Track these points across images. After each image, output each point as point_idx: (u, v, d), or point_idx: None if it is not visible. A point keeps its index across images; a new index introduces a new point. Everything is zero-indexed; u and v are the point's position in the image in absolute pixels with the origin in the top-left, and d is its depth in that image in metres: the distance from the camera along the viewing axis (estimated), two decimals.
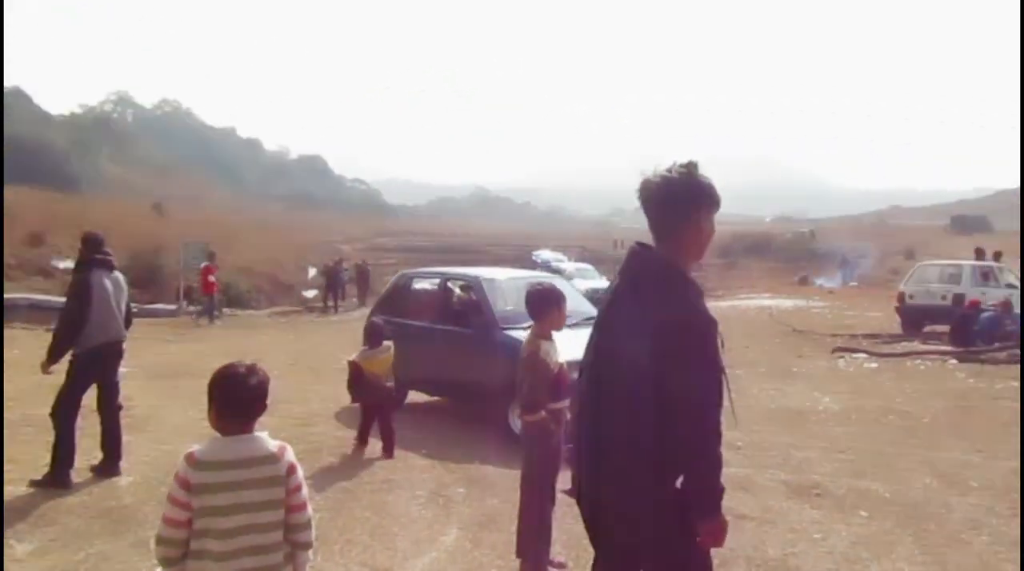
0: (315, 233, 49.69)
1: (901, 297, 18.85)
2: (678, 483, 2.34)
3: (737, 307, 26.55)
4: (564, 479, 3.54)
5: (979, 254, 19.90)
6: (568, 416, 4.26)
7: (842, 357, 14.23)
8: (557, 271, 25.12)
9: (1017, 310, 16.22)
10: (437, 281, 9.40)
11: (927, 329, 17.98)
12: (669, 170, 2.43)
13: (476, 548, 4.94)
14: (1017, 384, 11.46)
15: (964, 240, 45.44)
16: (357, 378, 7.10)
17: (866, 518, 5.58)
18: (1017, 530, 5.33)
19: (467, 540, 5.06)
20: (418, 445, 7.45)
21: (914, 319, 18.27)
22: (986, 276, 18.47)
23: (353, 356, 7.30)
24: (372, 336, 7.33)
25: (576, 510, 2.68)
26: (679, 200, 2.42)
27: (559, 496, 4.38)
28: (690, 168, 2.43)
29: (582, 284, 22.98)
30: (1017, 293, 18.08)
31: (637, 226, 2.74)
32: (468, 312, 8.41)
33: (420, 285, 9.77)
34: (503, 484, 5.99)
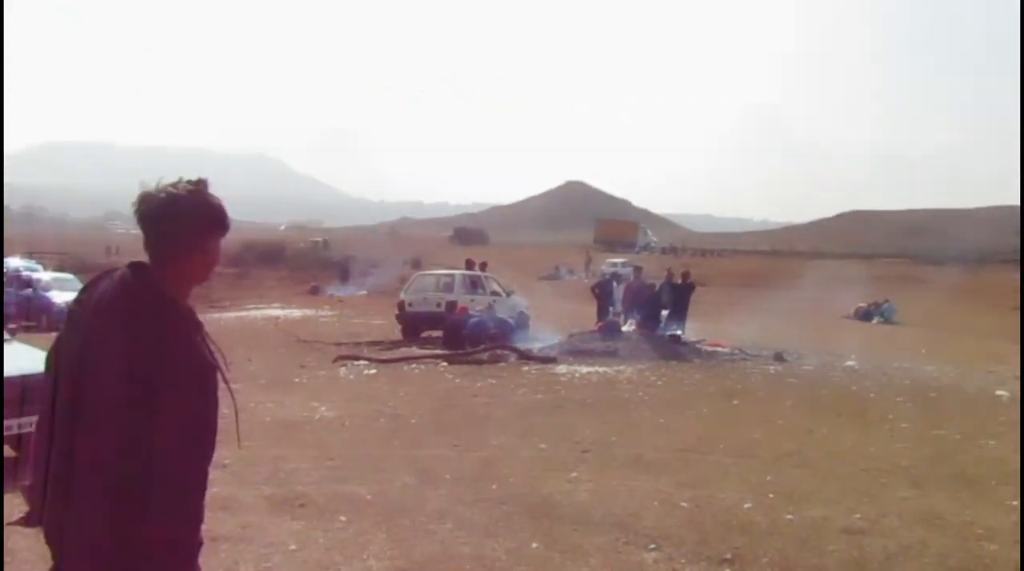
0: None
1: (401, 305, 20.43)
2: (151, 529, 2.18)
3: (244, 318, 26.34)
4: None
5: (470, 265, 22.32)
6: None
7: (344, 365, 14.92)
8: (28, 283, 22.68)
9: (500, 314, 18.62)
10: None
11: (425, 334, 19.71)
12: (175, 186, 2.29)
13: None
14: (495, 381, 13.16)
15: (464, 251, 50.74)
16: None
17: (345, 522, 5.88)
18: (480, 516, 6.08)
19: None
20: None
21: (413, 325, 19.93)
22: (475, 284, 20.87)
23: None
24: None
25: None
26: (186, 221, 2.28)
27: None
28: (200, 186, 2.31)
29: (60, 296, 21.06)
30: (502, 299, 20.74)
31: (137, 231, 2.40)
32: None
33: None
34: None
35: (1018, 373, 16.36)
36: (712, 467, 7.77)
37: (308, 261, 52.80)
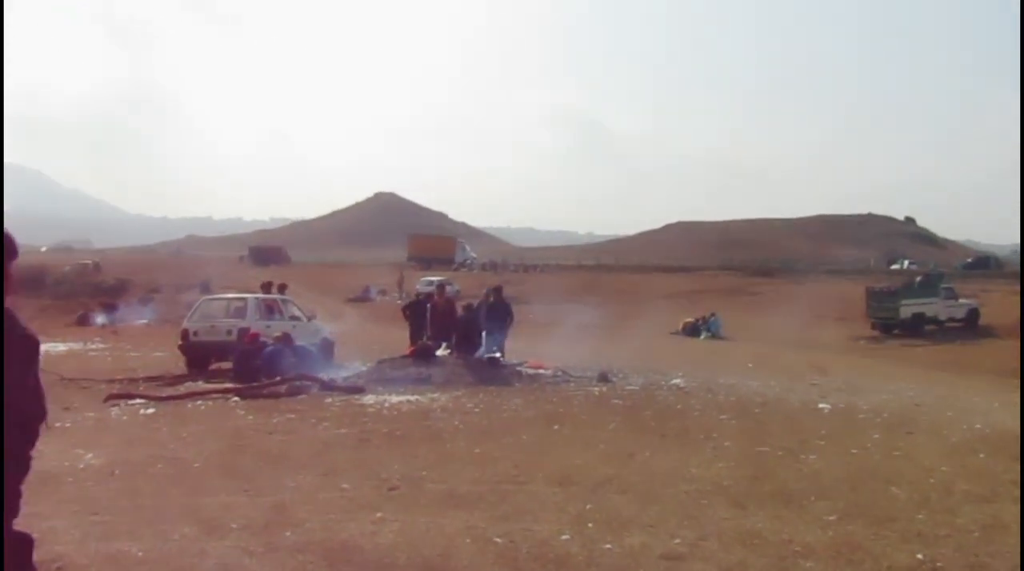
0: None
1: (185, 334, 19.67)
2: None
3: None
4: None
5: (266, 287, 21.85)
6: None
7: (116, 405, 14.21)
8: None
9: (300, 342, 18.29)
10: None
11: (213, 367, 19.08)
12: None
13: None
14: (293, 416, 12.89)
15: (260, 272, 49.61)
16: None
17: None
18: (271, 567, 5.92)
19: None
20: None
21: (199, 357, 19.26)
22: (271, 309, 20.41)
23: None
24: None
25: None
26: None
27: None
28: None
29: None
30: (302, 324, 20.38)
31: None
32: None
33: None
34: None
35: (840, 384, 17.71)
36: (529, 498, 7.92)
37: (76, 287, 50.23)
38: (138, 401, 14.54)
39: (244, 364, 16.89)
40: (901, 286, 41.96)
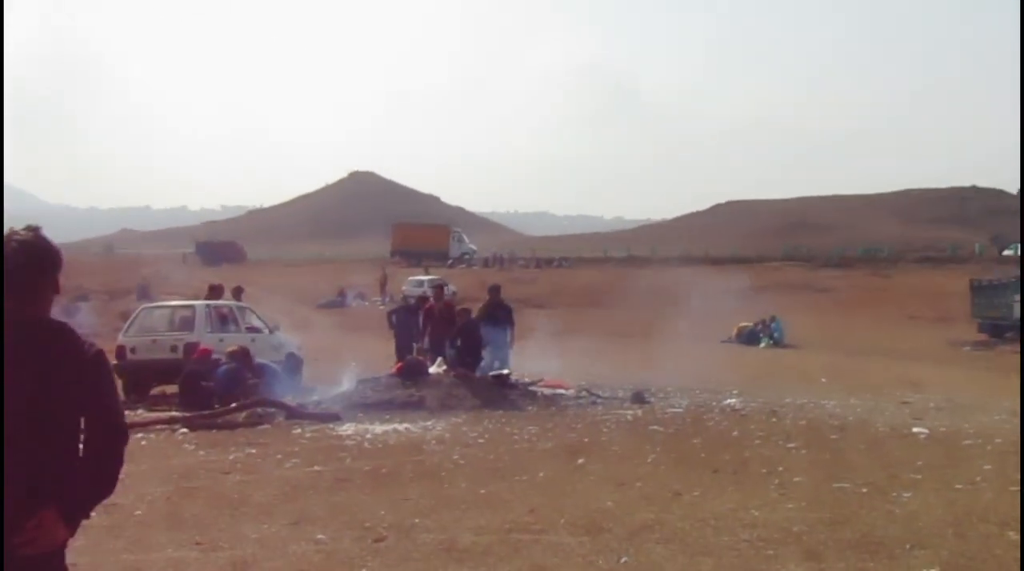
0: None
1: (121, 351, 19.65)
2: None
3: None
4: None
5: (215, 292, 21.77)
6: None
7: None
8: None
9: (261, 359, 18.32)
10: None
11: (156, 391, 19.12)
12: (17, 233, 3.67)
13: None
14: (254, 451, 12.91)
15: (210, 272, 49.79)
16: None
17: None
18: None
19: None
20: None
21: (139, 379, 19.23)
22: (225, 319, 20.41)
23: None
24: None
25: None
26: (46, 263, 3.71)
27: None
28: (38, 230, 3.71)
29: None
30: (263, 337, 20.42)
31: None
32: None
33: None
34: None
35: (939, 402, 17.60)
36: (549, 550, 7.90)
37: None
38: None
39: (193, 387, 16.91)
40: (1015, 278, 41.63)
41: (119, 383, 19.47)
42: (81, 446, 3.70)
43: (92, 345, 3.78)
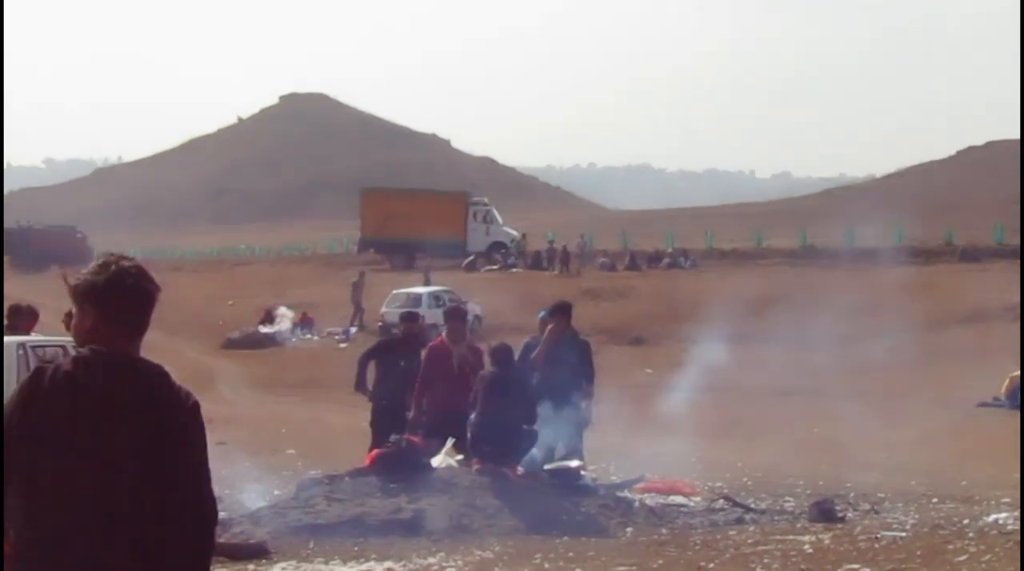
0: None
1: None
2: None
3: None
4: None
5: (21, 318, 21.53)
6: None
7: None
8: None
9: None
10: None
11: None
12: (118, 259, 5.07)
13: None
14: None
15: (30, 283, 50.41)
16: None
17: None
18: None
19: None
20: None
21: None
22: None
23: None
24: None
25: None
26: (154, 292, 5.11)
27: None
28: (135, 260, 5.18)
29: None
30: None
31: None
32: None
33: None
34: None
35: None
36: None
37: None
38: None
39: None
40: None
41: None
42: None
43: (189, 394, 5.04)
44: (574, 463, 18.37)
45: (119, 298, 4.73)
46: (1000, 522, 16.82)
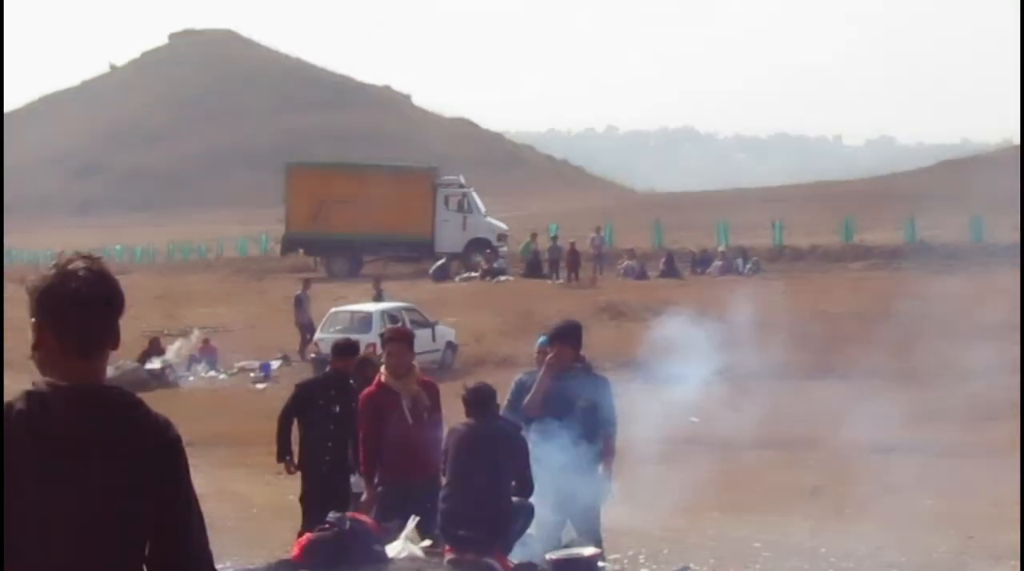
0: None
1: None
2: None
3: None
4: None
5: None
6: None
7: None
8: None
9: None
10: None
11: None
12: (70, 260, 5.55)
13: None
14: None
15: None
16: None
17: None
18: None
19: None
20: None
21: None
22: None
23: None
24: None
25: None
26: (121, 302, 5.78)
27: None
28: (100, 259, 5.69)
29: None
30: None
31: None
32: None
33: None
34: None
35: None
36: None
37: None
38: None
39: None
40: None
41: None
42: None
43: (168, 425, 5.75)
44: (588, 550, 18.17)
45: (63, 305, 4.97)
46: None
